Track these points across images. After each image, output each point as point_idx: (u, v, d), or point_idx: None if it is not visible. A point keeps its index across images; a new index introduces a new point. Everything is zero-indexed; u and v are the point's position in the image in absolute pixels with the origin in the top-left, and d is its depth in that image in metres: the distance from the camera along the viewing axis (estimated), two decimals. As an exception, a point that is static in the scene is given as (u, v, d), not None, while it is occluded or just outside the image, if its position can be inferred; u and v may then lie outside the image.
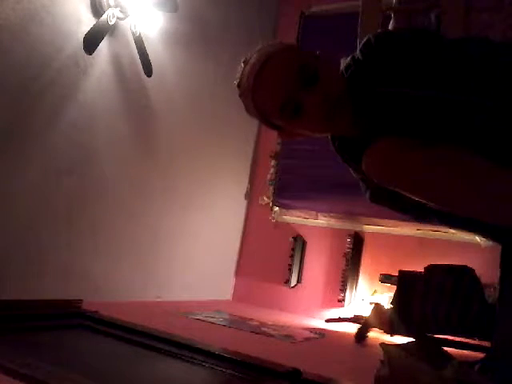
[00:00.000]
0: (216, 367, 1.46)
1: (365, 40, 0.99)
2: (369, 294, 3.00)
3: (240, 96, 0.96)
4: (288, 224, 3.44)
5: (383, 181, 0.92)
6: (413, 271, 2.22)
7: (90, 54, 2.08)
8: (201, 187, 3.04)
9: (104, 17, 2.07)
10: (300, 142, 3.34)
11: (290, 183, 3.45)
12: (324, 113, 0.87)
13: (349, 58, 1.01)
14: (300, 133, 0.98)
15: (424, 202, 0.90)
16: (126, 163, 2.45)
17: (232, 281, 3.50)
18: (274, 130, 1.00)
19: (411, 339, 1.62)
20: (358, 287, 3.07)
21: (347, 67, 0.99)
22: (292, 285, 3.26)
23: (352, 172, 1.04)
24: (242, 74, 0.92)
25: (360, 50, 0.99)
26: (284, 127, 0.96)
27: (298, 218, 3.42)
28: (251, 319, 2.55)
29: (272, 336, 2.16)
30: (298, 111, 0.87)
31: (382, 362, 1.20)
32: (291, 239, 3.30)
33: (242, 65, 0.93)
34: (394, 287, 2.32)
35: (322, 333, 2.49)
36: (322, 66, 0.89)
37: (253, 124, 3.49)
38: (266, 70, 0.87)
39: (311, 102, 0.86)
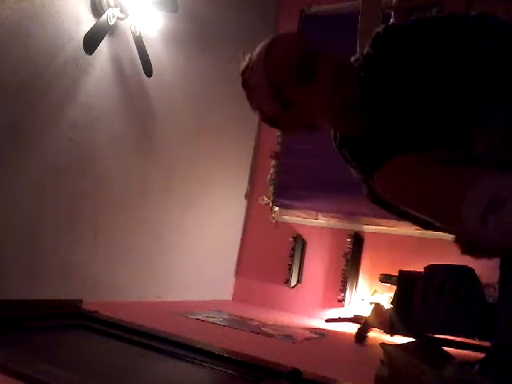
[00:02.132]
0: (216, 367, 1.45)
1: (373, 34, 0.99)
2: (369, 294, 3.00)
3: (247, 79, 0.93)
4: (288, 224, 3.44)
5: (397, 202, 0.94)
6: (413, 271, 2.22)
7: (90, 54, 2.08)
8: (201, 187, 3.04)
9: (104, 17, 2.07)
10: (300, 141, 3.35)
11: (290, 183, 3.45)
12: (336, 76, 0.87)
13: (357, 54, 1.01)
14: (307, 115, 0.93)
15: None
16: (125, 163, 2.45)
17: (232, 281, 3.50)
18: (277, 126, 0.97)
19: (411, 339, 1.62)
20: (358, 287, 3.07)
21: (355, 61, 1.00)
22: (292, 285, 3.25)
23: (352, 171, 1.04)
24: (251, 56, 0.93)
25: (369, 45, 0.99)
26: (294, 101, 0.90)
27: (298, 218, 3.42)
28: (251, 319, 2.55)
29: (272, 336, 2.16)
30: (313, 74, 0.86)
31: (382, 361, 1.20)
32: (291, 239, 3.30)
33: (246, 57, 0.94)
34: (394, 287, 2.32)
35: (322, 333, 2.49)
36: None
37: (253, 124, 3.49)
38: (277, 40, 0.91)
39: (324, 63, 0.87)
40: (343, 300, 2.99)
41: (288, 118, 0.94)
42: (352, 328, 2.63)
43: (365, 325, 2.42)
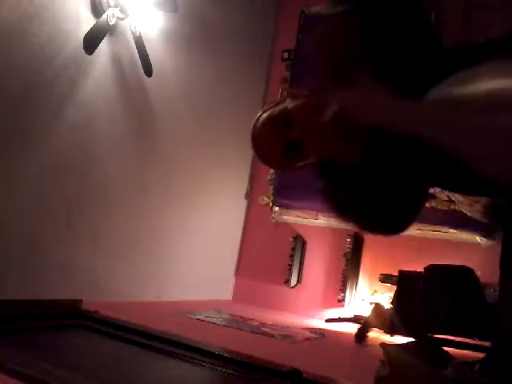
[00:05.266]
0: (216, 367, 1.45)
1: None
2: (369, 294, 3.00)
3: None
4: (288, 224, 3.44)
5: None
6: (413, 271, 2.22)
7: (90, 54, 2.08)
8: (201, 187, 3.04)
9: (104, 17, 2.07)
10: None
11: (290, 183, 3.44)
12: (320, 147, 0.96)
13: None
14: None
15: None
16: (125, 163, 2.45)
17: (232, 281, 3.50)
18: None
19: (411, 339, 1.63)
20: (358, 287, 3.07)
21: None
22: (292, 285, 3.26)
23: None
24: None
25: None
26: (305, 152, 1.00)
27: (298, 218, 3.42)
28: (251, 319, 2.55)
29: (272, 336, 2.16)
30: (299, 149, 0.96)
31: (382, 361, 1.21)
32: (291, 239, 3.31)
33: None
34: (394, 287, 2.32)
35: (322, 333, 2.49)
36: (293, 105, 0.97)
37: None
38: (256, 140, 1.01)
39: (299, 135, 0.94)
40: (343, 300, 3.00)
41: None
42: (352, 328, 2.63)
43: (365, 325, 2.42)
